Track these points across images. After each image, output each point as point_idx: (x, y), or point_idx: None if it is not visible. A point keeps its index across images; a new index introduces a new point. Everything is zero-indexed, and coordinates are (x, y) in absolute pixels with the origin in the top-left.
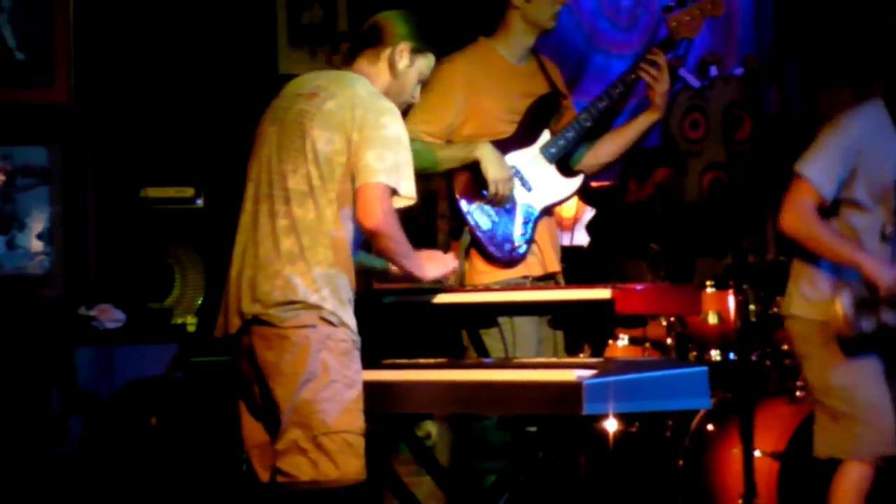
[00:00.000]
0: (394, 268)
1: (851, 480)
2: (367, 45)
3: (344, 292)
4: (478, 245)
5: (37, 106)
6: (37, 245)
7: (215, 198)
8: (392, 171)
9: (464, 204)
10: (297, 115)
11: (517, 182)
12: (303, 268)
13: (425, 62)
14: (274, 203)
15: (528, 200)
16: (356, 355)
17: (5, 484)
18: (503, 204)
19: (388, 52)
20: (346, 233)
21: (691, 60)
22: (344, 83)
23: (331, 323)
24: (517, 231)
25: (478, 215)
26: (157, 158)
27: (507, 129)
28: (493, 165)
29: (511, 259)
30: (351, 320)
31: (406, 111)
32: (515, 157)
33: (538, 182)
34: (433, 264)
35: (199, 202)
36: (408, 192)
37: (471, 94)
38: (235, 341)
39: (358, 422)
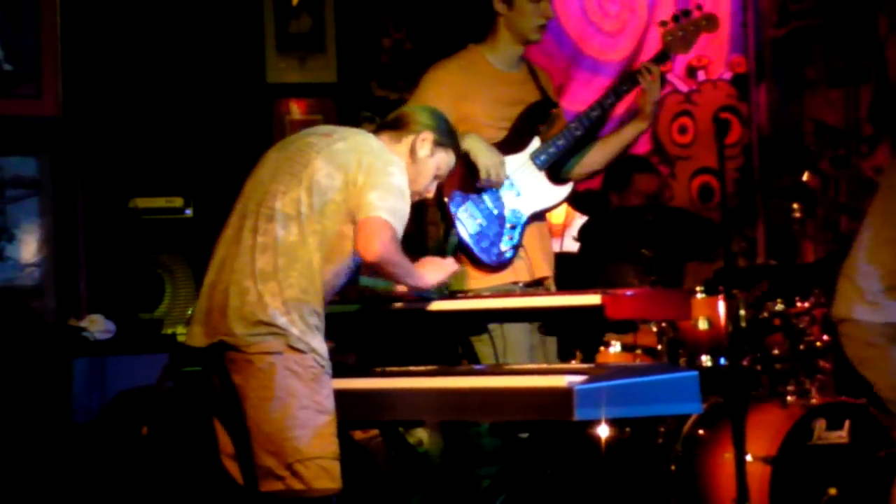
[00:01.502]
0: (399, 288)
1: None
2: (391, 127)
3: (312, 319)
4: (465, 249)
5: (25, 117)
6: (27, 256)
7: (204, 207)
8: (392, 213)
9: (452, 207)
10: (305, 146)
11: (506, 187)
12: (274, 288)
13: (445, 158)
14: (258, 220)
15: (517, 206)
16: (326, 380)
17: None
18: (498, 185)
19: (411, 137)
20: (328, 270)
21: (679, 65)
22: (358, 133)
23: (298, 350)
24: (505, 236)
25: (466, 219)
26: (146, 169)
27: (496, 136)
28: (482, 153)
29: (499, 263)
30: (320, 346)
31: None
32: (506, 163)
33: (527, 188)
34: (433, 271)
35: (189, 212)
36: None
37: (459, 100)
38: (206, 355)
39: (332, 446)
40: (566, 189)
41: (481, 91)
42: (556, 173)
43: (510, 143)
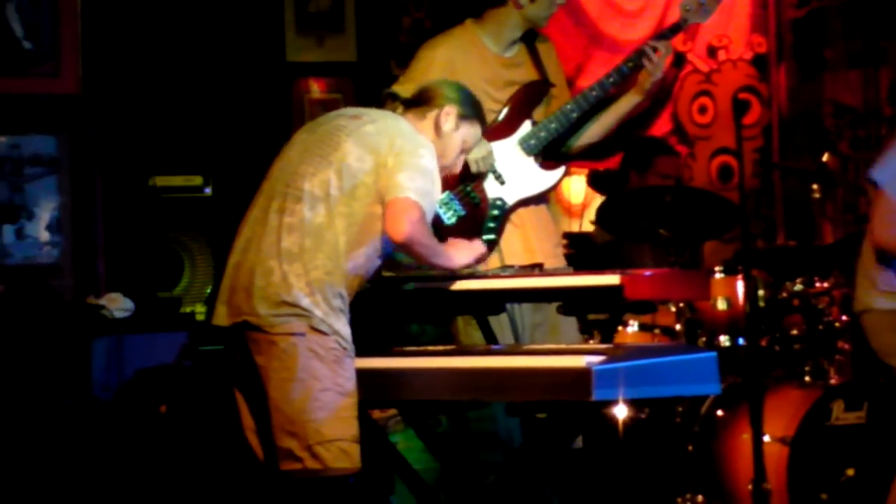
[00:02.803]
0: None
1: None
2: (415, 104)
3: (336, 301)
4: (441, 239)
5: (45, 95)
6: (45, 235)
7: (224, 186)
8: (421, 194)
9: None
10: (334, 129)
11: (490, 175)
12: (299, 269)
13: (471, 131)
14: (286, 201)
15: (500, 194)
16: (349, 363)
17: (14, 471)
18: (486, 169)
19: (434, 112)
20: (355, 253)
21: (700, 45)
22: (387, 115)
23: (321, 331)
24: (484, 226)
25: (443, 209)
26: (165, 147)
27: (487, 119)
28: None
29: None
30: (343, 328)
31: None
32: (493, 151)
33: (513, 175)
34: (460, 252)
35: (208, 190)
36: (427, 222)
37: (453, 78)
38: (229, 334)
39: (352, 429)
40: (557, 173)
41: (472, 71)
42: (555, 152)
43: (498, 128)
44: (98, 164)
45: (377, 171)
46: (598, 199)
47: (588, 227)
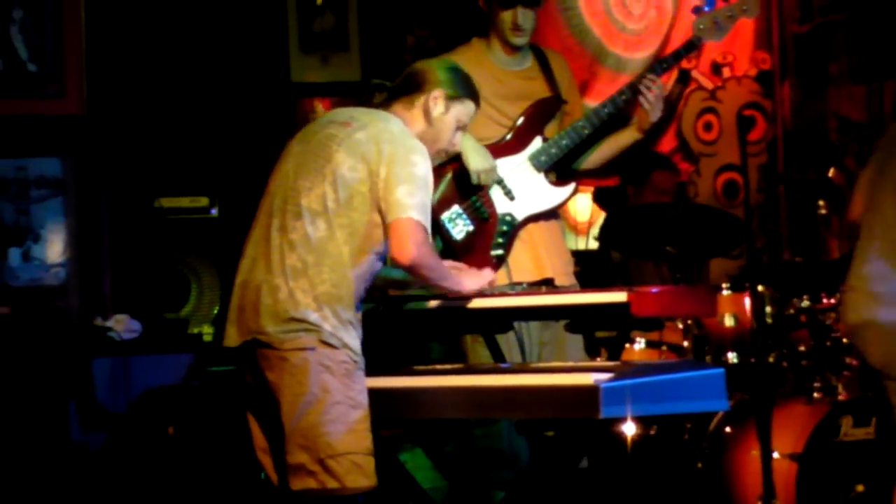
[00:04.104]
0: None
1: None
2: (402, 92)
3: (345, 314)
4: (450, 253)
5: (50, 117)
6: (52, 256)
7: (230, 207)
8: (421, 210)
9: (439, 213)
10: (325, 139)
11: (499, 190)
12: (305, 284)
13: (463, 109)
14: (286, 218)
15: (509, 209)
16: (359, 376)
17: (22, 490)
18: (489, 183)
19: (422, 98)
20: (359, 262)
21: (704, 62)
22: (377, 118)
23: (331, 345)
24: (492, 241)
25: (452, 225)
26: (170, 168)
27: (495, 134)
28: (473, 156)
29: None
30: (353, 341)
31: None
32: (501, 165)
33: (522, 190)
34: (470, 278)
35: (214, 212)
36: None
37: None
38: (239, 354)
39: (365, 442)
40: (567, 190)
41: (480, 87)
42: (565, 169)
43: (508, 144)
44: (104, 186)
45: (371, 179)
46: (603, 218)
47: (594, 244)
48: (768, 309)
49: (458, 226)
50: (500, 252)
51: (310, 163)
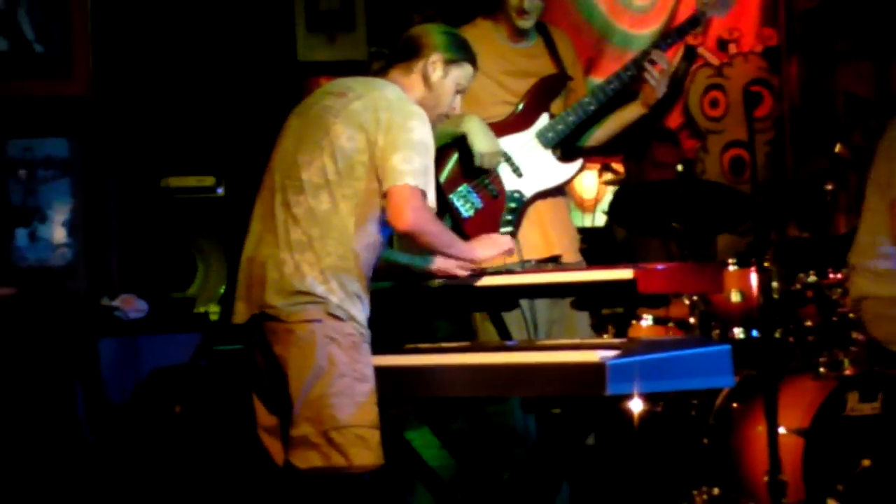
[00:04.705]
0: (419, 265)
1: None
2: (400, 58)
3: (352, 286)
4: (459, 231)
5: (56, 98)
6: (59, 237)
7: (236, 186)
8: (419, 174)
9: (447, 192)
10: (322, 111)
11: (507, 168)
12: (311, 258)
13: (461, 72)
14: (288, 193)
15: (518, 186)
16: (366, 349)
17: (30, 474)
18: (493, 166)
19: (421, 63)
20: (364, 232)
21: (710, 38)
22: (373, 86)
23: (337, 317)
24: (501, 218)
25: (461, 202)
26: (177, 148)
27: (501, 112)
28: (479, 138)
29: None
30: (359, 314)
31: None
32: (508, 142)
33: (530, 167)
34: (483, 245)
35: (220, 191)
36: (430, 200)
37: None
38: (247, 330)
39: (370, 415)
40: (574, 166)
41: (485, 66)
42: (569, 146)
43: (516, 121)
44: (110, 166)
45: (370, 148)
46: (610, 195)
47: (600, 222)
48: (775, 284)
49: (468, 204)
50: (509, 229)
51: (308, 136)
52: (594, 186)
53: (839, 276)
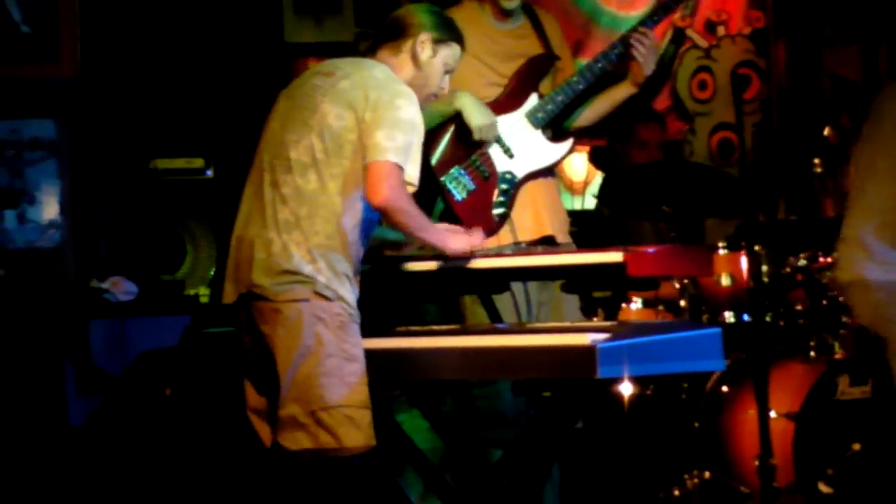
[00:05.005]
0: (409, 240)
1: None
2: (388, 39)
3: (340, 265)
4: (451, 214)
5: (43, 79)
6: (47, 219)
7: (225, 168)
8: (401, 152)
9: (439, 174)
10: (310, 90)
11: (498, 149)
12: (298, 237)
13: (450, 52)
14: (276, 172)
15: (509, 167)
16: (354, 329)
17: (19, 458)
18: (491, 138)
19: (409, 43)
20: (353, 211)
21: (698, 20)
22: (362, 66)
23: (325, 297)
24: (494, 199)
25: (453, 185)
26: (165, 130)
27: (490, 94)
28: (474, 112)
29: (488, 229)
30: (348, 294)
31: None
32: (498, 123)
33: (521, 148)
34: (456, 237)
35: (209, 173)
36: (411, 177)
37: None
38: (236, 311)
39: (359, 395)
40: (565, 146)
41: (473, 48)
42: (558, 127)
43: (504, 102)
44: (98, 148)
45: (359, 126)
46: (600, 176)
47: (590, 204)
48: (765, 268)
49: (460, 186)
50: (502, 210)
51: (296, 116)
52: (584, 169)
53: (829, 259)
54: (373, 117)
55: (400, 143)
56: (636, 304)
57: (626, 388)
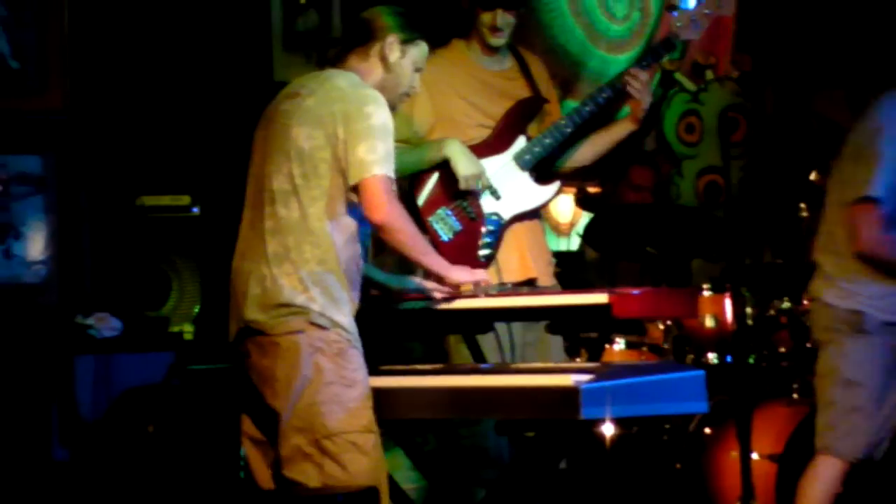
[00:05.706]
0: (395, 284)
1: (825, 476)
2: (356, 43)
3: (335, 290)
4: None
5: (31, 114)
6: (33, 254)
7: (211, 206)
8: (385, 161)
9: (426, 215)
10: (281, 116)
11: (485, 191)
12: (289, 268)
13: (418, 51)
14: (263, 205)
15: (496, 209)
16: (353, 354)
17: (2, 493)
18: (477, 187)
19: (377, 46)
20: (340, 229)
21: (686, 63)
22: (323, 79)
23: (320, 326)
24: (480, 241)
25: (440, 225)
26: (152, 166)
27: (479, 135)
28: (462, 162)
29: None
30: (344, 318)
31: None
32: (485, 164)
33: (508, 190)
34: (460, 269)
35: (196, 210)
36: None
37: (437, 99)
38: (236, 348)
39: (362, 420)
40: (552, 188)
41: (462, 89)
42: (546, 169)
43: (492, 143)
44: (85, 183)
45: (330, 142)
46: (586, 218)
47: (575, 245)
48: (749, 310)
49: (446, 226)
50: (487, 252)
51: (273, 145)
52: (570, 210)
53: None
54: (347, 131)
55: (381, 152)
56: (619, 344)
57: (610, 429)
